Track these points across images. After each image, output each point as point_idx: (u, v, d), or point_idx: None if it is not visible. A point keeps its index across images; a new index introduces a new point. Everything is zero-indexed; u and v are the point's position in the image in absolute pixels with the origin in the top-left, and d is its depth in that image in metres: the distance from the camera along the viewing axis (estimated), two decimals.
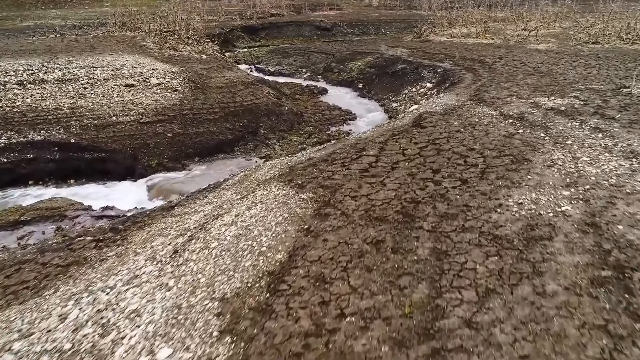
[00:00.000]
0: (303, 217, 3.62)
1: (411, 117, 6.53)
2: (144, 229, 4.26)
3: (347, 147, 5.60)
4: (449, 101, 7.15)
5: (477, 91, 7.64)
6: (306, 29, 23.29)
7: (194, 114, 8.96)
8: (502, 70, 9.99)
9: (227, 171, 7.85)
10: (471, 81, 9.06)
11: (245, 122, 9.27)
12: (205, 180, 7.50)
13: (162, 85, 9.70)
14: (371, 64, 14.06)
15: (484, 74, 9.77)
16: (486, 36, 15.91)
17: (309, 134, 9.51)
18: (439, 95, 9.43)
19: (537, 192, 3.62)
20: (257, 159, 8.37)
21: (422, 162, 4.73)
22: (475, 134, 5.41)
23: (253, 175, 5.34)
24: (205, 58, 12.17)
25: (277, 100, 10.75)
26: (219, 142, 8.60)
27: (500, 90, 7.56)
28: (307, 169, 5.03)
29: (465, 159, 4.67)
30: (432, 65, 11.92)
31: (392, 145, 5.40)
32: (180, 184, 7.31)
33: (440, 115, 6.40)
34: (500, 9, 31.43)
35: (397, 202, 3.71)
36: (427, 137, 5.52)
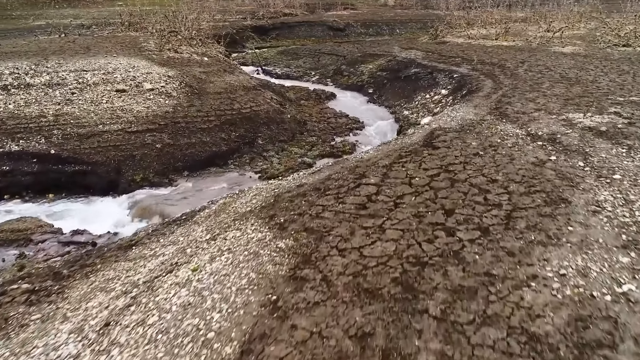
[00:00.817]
0: (273, 281, 2.73)
1: (422, 135, 5.59)
2: (89, 278, 3.43)
3: (346, 171, 4.69)
4: (465, 114, 6.18)
5: (498, 103, 6.65)
6: (318, 29, 22.35)
7: (187, 123, 8.14)
8: (526, 76, 8.94)
9: (216, 189, 7.01)
10: (491, 89, 8.05)
11: (242, 132, 8.42)
12: (191, 198, 6.68)
13: (155, 90, 8.90)
14: (383, 67, 13.09)
15: (505, 80, 8.74)
16: (506, 38, 14.79)
17: (312, 145, 8.62)
18: (454, 105, 8.43)
19: (584, 256, 2.68)
20: (251, 173, 7.51)
21: (432, 197, 3.80)
22: (497, 159, 4.45)
23: (233, 204, 4.48)
24: (207, 61, 11.35)
25: (280, 107, 9.87)
26: (212, 154, 7.76)
27: (525, 102, 6.55)
28: (294, 200, 4.14)
29: (485, 194, 3.72)
30: (447, 69, 10.91)
31: (398, 170, 4.48)
32: (164, 203, 6.49)
33: (455, 132, 5.44)
34: (520, 8, 30.11)
35: (397, 262, 2.80)
36: (440, 161, 4.58)
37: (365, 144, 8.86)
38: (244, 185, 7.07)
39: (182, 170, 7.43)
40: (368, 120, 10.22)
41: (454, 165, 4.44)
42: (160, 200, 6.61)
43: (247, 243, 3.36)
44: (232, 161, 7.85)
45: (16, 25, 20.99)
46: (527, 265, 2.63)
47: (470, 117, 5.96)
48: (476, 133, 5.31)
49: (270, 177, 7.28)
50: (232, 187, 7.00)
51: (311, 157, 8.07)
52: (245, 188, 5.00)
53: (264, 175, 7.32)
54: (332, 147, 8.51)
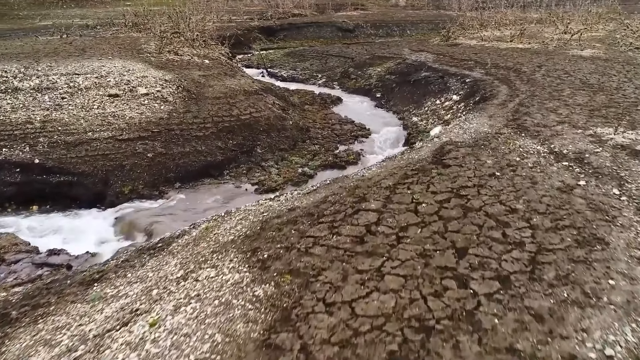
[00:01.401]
0: (241, 349, 2.19)
1: (431, 149, 5.01)
2: (37, 324, 2.92)
3: (344, 192, 4.14)
4: (479, 126, 5.58)
5: (515, 113, 6.04)
6: (327, 30, 21.77)
7: (181, 130, 7.63)
8: (544, 82, 8.29)
9: (209, 202, 6.49)
10: (507, 96, 7.42)
11: (240, 140, 7.89)
12: (180, 214, 6.17)
13: (150, 95, 8.42)
14: (392, 70, 12.49)
15: (521, 87, 8.10)
16: (522, 40, 14.09)
17: (313, 154, 8.06)
18: (467, 113, 7.82)
19: (635, 325, 2.10)
20: (248, 185, 6.98)
21: (442, 229, 3.23)
22: (517, 182, 3.86)
23: (216, 230, 3.94)
24: (208, 63, 10.85)
25: (282, 112, 9.34)
26: (207, 164, 7.24)
27: (545, 112, 5.93)
28: (283, 228, 3.60)
29: (504, 229, 3.14)
30: (459, 73, 10.29)
31: (403, 193, 3.91)
32: (150, 219, 5.98)
33: (468, 147, 4.85)
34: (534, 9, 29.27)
35: (397, 325, 2.24)
36: (450, 183, 4.00)
37: (371, 153, 8.29)
38: (238, 200, 6.55)
39: (174, 181, 6.93)
40: (375, 127, 9.64)
41: (466, 188, 3.86)
42: (147, 216, 6.11)
43: (220, 287, 2.82)
44: (228, 171, 7.33)
45: (22, 25, 20.73)
46: (561, 337, 2.05)
47: (485, 130, 5.36)
48: (491, 149, 4.72)
49: (267, 190, 6.75)
50: (225, 201, 6.48)
51: (312, 168, 7.52)
52: (232, 209, 4.46)
53: (261, 188, 6.79)
54: (335, 156, 7.95)
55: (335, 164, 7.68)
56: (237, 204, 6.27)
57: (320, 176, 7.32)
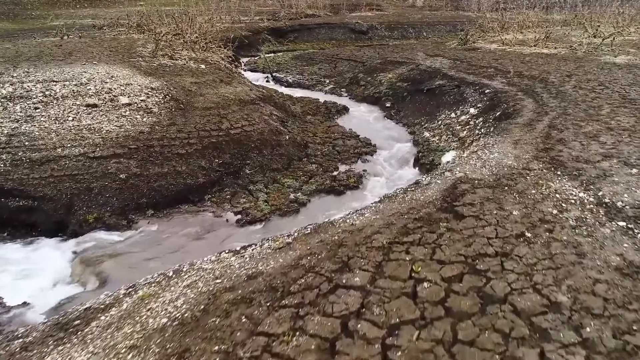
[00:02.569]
0: None
1: (441, 187, 3.94)
2: None
3: (324, 252, 3.11)
4: (502, 157, 4.48)
5: (546, 139, 4.90)
6: (339, 31, 20.65)
7: (162, 147, 6.69)
8: (576, 96, 7.10)
9: (181, 235, 5.52)
10: (533, 114, 6.27)
11: (227, 159, 6.91)
12: (144, 252, 5.20)
13: (133, 105, 7.50)
14: (404, 77, 11.37)
15: (550, 101, 6.93)
16: (547, 44, 12.80)
17: (310, 175, 7.03)
18: (486, 132, 6.70)
19: None
20: (230, 215, 5.98)
21: (448, 337, 2.18)
22: (555, 252, 2.78)
23: (152, 302, 2.96)
24: (204, 68, 9.91)
25: (279, 125, 8.33)
26: (186, 188, 6.28)
27: (584, 140, 4.79)
28: (232, 312, 2.59)
29: (541, 344, 2.08)
30: (478, 83, 9.13)
31: (399, 261, 2.87)
32: (108, 259, 5.03)
33: (487, 188, 3.77)
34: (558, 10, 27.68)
35: None
36: (464, 246, 2.94)
37: (375, 175, 7.22)
38: (214, 235, 5.55)
39: (146, 208, 5.98)
40: (382, 143, 8.56)
41: (485, 258, 2.79)
42: (108, 253, 5.17)
43: None
44: (210, 196, 6.35)
45: (33, 25, 20.19)
46: None
47: (509, 163, 4.25)
48: (518, 193, 3.62)
49: (250, 221, 5.75)
50: (199, 235, 5.50)
51: (306, 193, 6.50)
52: (185, 266, 3.46)
53: (244, 219, 5.80)
54: (333, 179, 6.91)
55: (333, 188, 6.64)
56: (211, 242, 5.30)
57: (314, 204, 6.29)
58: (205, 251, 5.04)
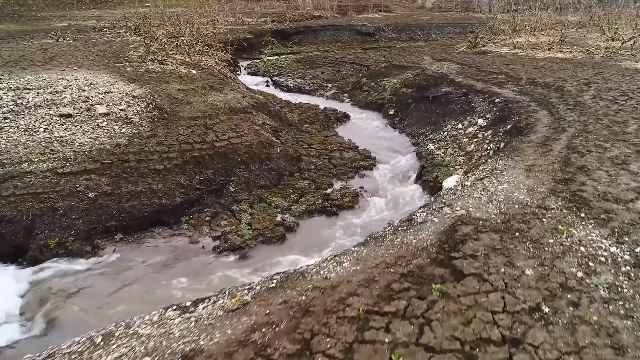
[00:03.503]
0: None
1: (437, 228, 3.22)
2: None
3: (284, 322, 2.43)
4: (512, 188, 3.74)
5: (565, 165, 4.14)
6: (345, 33, 19.88)
7: (138, 161, 6.04)
8: (597, 108, 6.31)
9: (150, 265, 4.86)
10: (549, 130, 5.50)
11: (209, 175, 6.25)
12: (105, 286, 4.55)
13: (111, 115, 6.88)
14: (409, 82, 10.62)
15: (567, 115, 6.15)
16: (561, 48, 11.94)
17: (300, 193, 6.34)
18: (495, 149, 5.95)
19: None
20: (207, 240, 5.31)
21: None
22: (583, 344, 2.05)
23: None
24: (194, 74, 9.26)
25: (272, 136, 7.65)
26: (161, 209, 5.62)
27: (611, 167, 4.01)
28: None
29: None
30: (487, 91, 8.35)
31: (375, 345, 2.17)
32: (64, 295, 4.40)
33: (494, 233, 3.04)
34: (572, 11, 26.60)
35: None
36: (461, 324, 2.22)
37: (373, 193, 6.51)
38: (185, 265, 4.88)
39: (114, 231, 5.34)
40: (382, 155, 7.84)
41: (489, 346, 2.07)
42: (64, 287, 4.53)
43: None
44: (188, 218, 5.69)
45: (37, 26, 19.81)
46: None
47: (521, 198, 3.51)
48: (532, 242, 2.89)
49: (229, 248, 5.07)
50: (168, 266, 4.84)
51: (295, 215, 5.81)
52: (118, 331, 2.79)
53: (222, 246, 5.12)
54: (326, 197, 6.21)
55: (325, 209, 5.94)
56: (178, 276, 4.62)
57: (303, 228, 5.59)
58: (167, 291, 4.39)
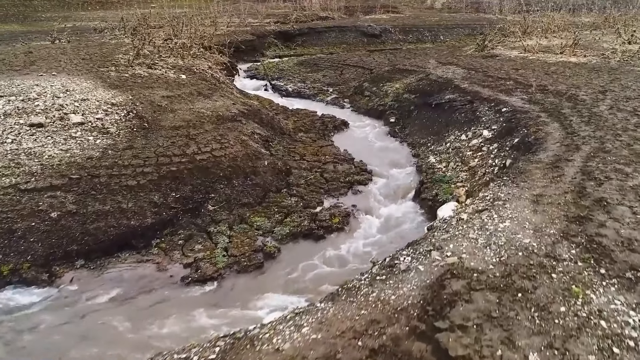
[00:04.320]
0: None
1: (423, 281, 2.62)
2: None
3: None
4: (516, 227, 3.09)
5: (579, 197, 3.48)
6: (350, 35, 19.22)
7: (110, 176, 5.51)
8: (614, 121, 5.62)
9: (106, 299, 4.31)
10: (560, 148, 4.84)
11: (186, 192, 5.69)
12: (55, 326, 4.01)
13: (86, 125, 6.36)
14: (412, 87, 9.97)
15: (581, 128, 5.48)
16: (575, 52, 11.18)
17: (286, 213, 5.74)
18: (500, 167, 5.30)
19: None
20: (177, 268, 4.75)
21: None
22: None
23: None
24: (184, 79, 8.72)
25: (260, 147, 7.07)
26: (129, 231, 5.07)
27: (635, 200, 3.35)
28: None
29: None
30: (494, 98, 7.67)
31: None
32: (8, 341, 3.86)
33: (491, 293, 2.42)
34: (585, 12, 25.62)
35: None
36: None
37: (366, 212, 5.89)
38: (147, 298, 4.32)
39: (75, 257, 4.79)
40: (380, 167, 7.22)
41: None
42: (8, 325, 4.00)
43: None
44: (159, 241, 5.13)
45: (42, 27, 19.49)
46: None
47: (525, 242, 2.87)
48: (538, 309, 2.26)
49: (199, 279, 4.50)
50: (128, 300, 4.29)
51: (277, 238, 5.22)
52: None
53: (191, 276, 4.56)
54: (314, 217, 5.61)
55: (311, 231, 5.34)
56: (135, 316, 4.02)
57: (284, 255, 4.99)
58: (115, 336, 3.79)
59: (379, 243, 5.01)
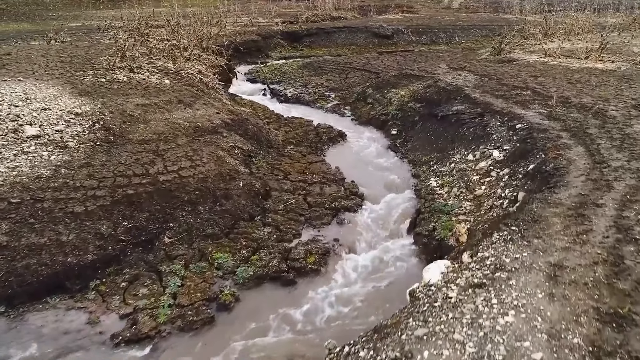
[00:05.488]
0: None
1: None
2: None
3: None
4: (523, 326, 2.10)
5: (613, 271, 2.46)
6: (361, 36, 18.14)
7: (55, 201, 4.69)
8: None
9: (26, 356, 3.49)
10: (587, 184, 3.81)
11: (141, 220, 4.83)
12: None
13: (42, 138, 5.57)
14: (418, 95, 8.94)
15: (612, 156, 4.41)
16: (601, 57, 9.95)
17: (255, 247, 4.83)
18: (510, 201, 4.28)
19: None
20: (113, 317, 3.90)
21: None
22: None
23: None
24: (167, 84, 7.88)
25: (239, 164, 6.18)
26: (65, 270, 4.23)
27: None
28: None
29: None
30: (507, 112, 6.61)
31: None
32: None
33: None
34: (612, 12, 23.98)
35: None
36: None
37: (349, 250, 4.94)
38: (69, 357, 3.49)
39: None
40: (373, 189, 6.25)
41: None
42: None
43: None
44: (99, 282, 4.28)
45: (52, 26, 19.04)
46: None
47: None
48: None
49: (130, 340, 3.63)
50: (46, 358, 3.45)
51: (239, 282, 4.32)
52: None
53: (125, 333, 3.69)
54: (287, 255, 4.69)
55: (280, 274, 4.41)
56: None
57: (242, 306, 4.08)
58: None
59: (354, 300, 4.08)
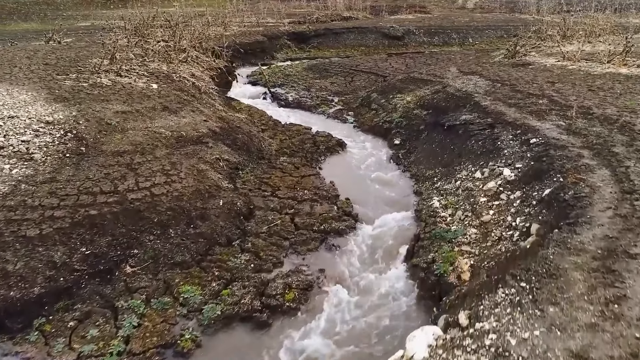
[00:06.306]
0: None
1: None
2: None
3: None
4: None
5: None
6: (370, 36, 17.38)
7: (8, 222, 4.18)
8: None
9: None
10: (614, 221, 3.10)
11: (102, 246, 4.25)
12: None
13: (6, 149, 5.06)
14: (424, 101, 8.23)
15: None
16: (625, 61, 9.09)
17: (229, 279, 4.21)
18: (522, 232, 3.57)
19: None
20: None
21: None
22: None
23: None
24: (154, 89, 7.31)
25: (223, 178, 5.58)
26: (6, 306, 3.69)
27: None
28: None
29: None
30: (521, 124, 5.87)
31: None
32: None
33: None
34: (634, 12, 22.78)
35: None
36: None
37: (336, 282, 4.29)
38: None
39: None
40: (369, 208, 5.58)
41: None
42: None
43: None
44: (44, 320, 3.72)
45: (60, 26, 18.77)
46: None
47: None
48: None
49: None
50: None
51: (204, 323, 3.71)
52: None
53: None
54: (262, 289, 4.06)
55: (253, 313, 3.80)
56: None
57: (203, 352, 3.49)
58: None
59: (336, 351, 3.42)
